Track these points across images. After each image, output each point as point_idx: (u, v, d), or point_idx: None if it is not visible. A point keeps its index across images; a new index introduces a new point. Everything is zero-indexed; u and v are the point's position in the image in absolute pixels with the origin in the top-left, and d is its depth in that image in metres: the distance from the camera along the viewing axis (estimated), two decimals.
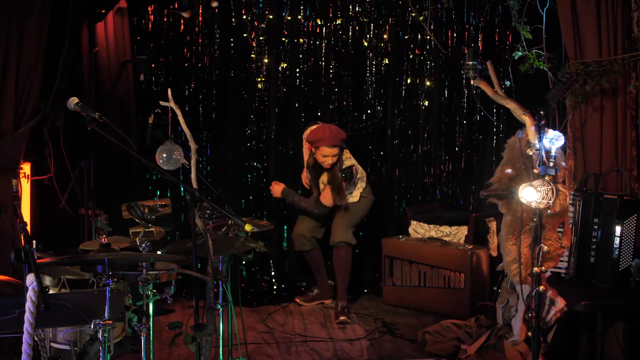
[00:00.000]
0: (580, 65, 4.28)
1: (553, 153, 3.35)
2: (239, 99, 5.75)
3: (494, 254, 5.20)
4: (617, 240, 4.06)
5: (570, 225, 4.11)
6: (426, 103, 5.97)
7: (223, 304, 3.51)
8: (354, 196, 5.24)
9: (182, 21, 5.62)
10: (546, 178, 3.31)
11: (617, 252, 4.06)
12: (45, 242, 4.48)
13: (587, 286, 4.09)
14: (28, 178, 4.61)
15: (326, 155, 5.07)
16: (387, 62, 5.90)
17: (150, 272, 3.04)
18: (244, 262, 5.65)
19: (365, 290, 5.81)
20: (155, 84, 5.64)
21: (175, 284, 3.35)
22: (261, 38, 5.73)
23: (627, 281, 4.04)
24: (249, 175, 5.82)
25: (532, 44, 4.61)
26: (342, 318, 5.00)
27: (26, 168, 4.58)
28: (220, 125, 5.76)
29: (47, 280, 3.41)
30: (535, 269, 3.34)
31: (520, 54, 4.65)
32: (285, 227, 5.86)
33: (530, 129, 3.44)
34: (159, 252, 3.56)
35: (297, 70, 5.78)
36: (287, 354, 4.43)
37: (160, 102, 3.48)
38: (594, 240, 4.11)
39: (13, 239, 4.20)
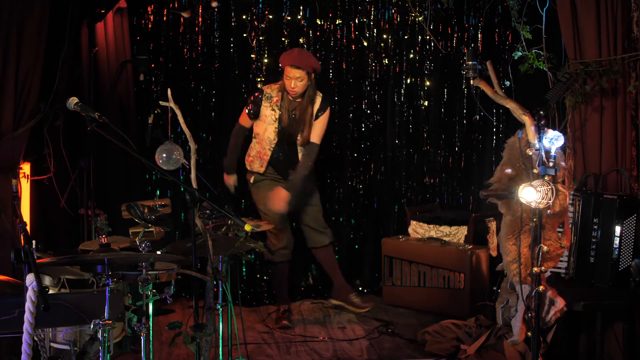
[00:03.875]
0: (580, 65, 4.29)
1: (553, 153, 3.36)
2: (239, 99, 5.74)
3: (494, 254, 5.20)
4: (616, 240, 4.07)
5: (570, 225, 4.11)
6: (426, 103, 5.97)
7: (223, 304, 3.51)
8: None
9: (182, 21, 5.62)
10: (546, 178, 3.31)
11: (616, 252, 4.07)
12: (45, 242, 4.48)
13: (587, 286, 4.09)
14: (28, 178, 4.61)
15: (289, 77, 4.65)
16: (387, 62, 5.90)
17: (150, 272, 3.04)
18: (243, 262, 5.65)
19: (365, 290, 5.81)
20: (155, 84, 5.64)
21: (175, 284, 3.35)
22: (261, 38, 5.73)
23: (627, 281, 4.04)
24: None
25: (532, 44, 4.61)
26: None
27: (26, 168, 4.58)
28: (220, 125, 5.75)
29: (47, 280, 3.41)
30: (535, 269, 3.35)
31: (520, 54, 4.65)
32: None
33: (530, 129, 3.45)
34: (158, 252, 3.57)
35: None
36: (286, 354, 4.43)
37: (160, 102, 3.48)
38: (593, 240, 4.12)
39: (13, 239, 4.20)
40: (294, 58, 4.69)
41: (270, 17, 5.71)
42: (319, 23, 5.79)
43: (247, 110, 4.88)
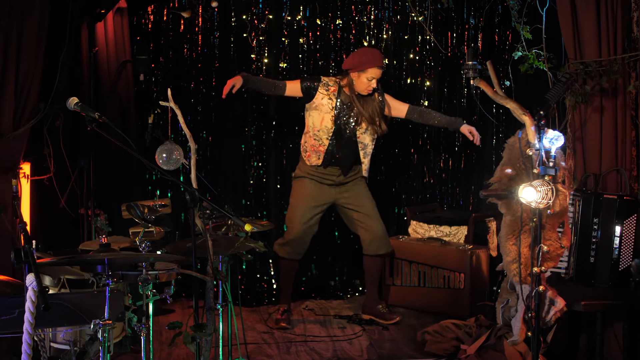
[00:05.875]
0: (580, 65, 4.29)
1: (553, 153, 3.35)
2: (239, 99, 5.75)
3: (494, 254, 5.20)
4: (617, 240, 4.07)
5: (570, 225, 4.11)
6: (426, 103, 5.97)
7: (223, 304, 3.51)
8: (366, 163, 4.94)
9: (182, 21, 5.62)
10: (546, 178, 3.31)
11: (617, 252, 4.07)
12: (45, 242, 4.48)
13: (587, 286, 4.09)
14: (28, 178, 4.61)
15: (373, 77, 4.73)
16: (387, 62, 5.90)
17: (150, 272, 3.04)
18: (244, 262, 5.65)
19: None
20: (155, 84, 5.64)
21: (174, 284, 3.35)
22: (261, 38, 5.73)
23: (627, 281, 4.04)
24: (249, 175, 5.82)
25: (532, 44, 4.62)
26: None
27: (26, 168, 4.57)
28: (219, 125, 5.76)
29: (47, 280, 3.41)
30: (535, 269, 3.34)
31: (520, 54, 4.66)
32: (285, 227, 5.85)
33: (530, 129, 3.45)
34: (158, 252, 3.57)
35: (297, 70, 5.78)
36: (286, 354, 4.43)
37: (160, 102, 3.49)
38: (593, 240, 4.12)
39: (13, 239, 4.20)
40: (379, 58, 4.76)
41: (270, 17, 5.71)
42: (319, 23, 5.79)
43: (301, 81, 4.88)
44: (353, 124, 4.84)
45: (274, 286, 5.74)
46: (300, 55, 5.79)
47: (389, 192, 6.01)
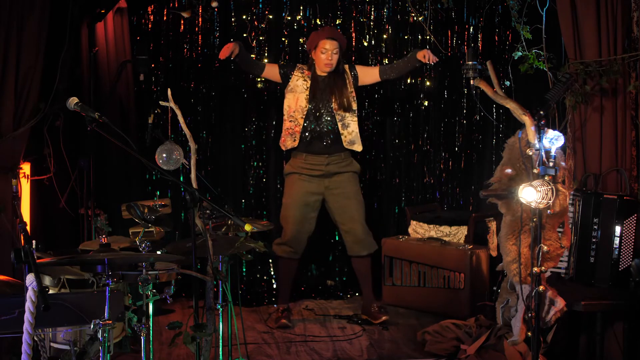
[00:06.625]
0: (580, 65, 4.29)
1: (553, 153, 3.36)
2: (239, 99, 5.75)
3: (494, 254, 5.20)
4: (617, 240, 4.07)
5: (570, 225, 4.11)
6: (426, 103, 5.97)
7: (223, 304, 3.51)
8: (358, 142, 4.93)
9: (182, 21, 5.62)
10: (546, 178, 3.31)
11: (617, 252, 4.07)
12: (45, 242, 4.47)
13: (587, 286, 4.10)
14: (28, 178, 4.61)
15: (327, 49, 4.76)
16: (386, 62, 5.90)
17: (150, 272, 3.04)
18: (244, 262, 5.65)
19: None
20: (155, 84, 5.64)
21: (174, 284, 3.35)
22: (261, 38, 5.73)
23: (627, 281, 4.04)
24: (249, 175, 5.82)
25: (532, 44, 4.62)
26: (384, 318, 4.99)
27: (26, 168, 4.58)
28: (219, 125, 5.76)
29: (47, 280, 3.41)
30: (535, 269, 3.35)
31: (520, 54, 4.66)
32: None
33: (530, 129, 3.45)
34: (158, 252, 3.57)
35: None
36: (286, 354, 4.43)
37: (160, 102, 3.49)
38: (593, 240, 4.12)
39: (13, 239, 4.20)
40: (329, 31, 4.88)
41: (270, 17, 5.71)
42: (319, 23, 5.79)
43: (280, 67, 4.98)
44: (327, 100, 4.85)
45: (274, 286, 5.74)
46: (300, 55, 5.79)
47: (389, 192, 6.01)
